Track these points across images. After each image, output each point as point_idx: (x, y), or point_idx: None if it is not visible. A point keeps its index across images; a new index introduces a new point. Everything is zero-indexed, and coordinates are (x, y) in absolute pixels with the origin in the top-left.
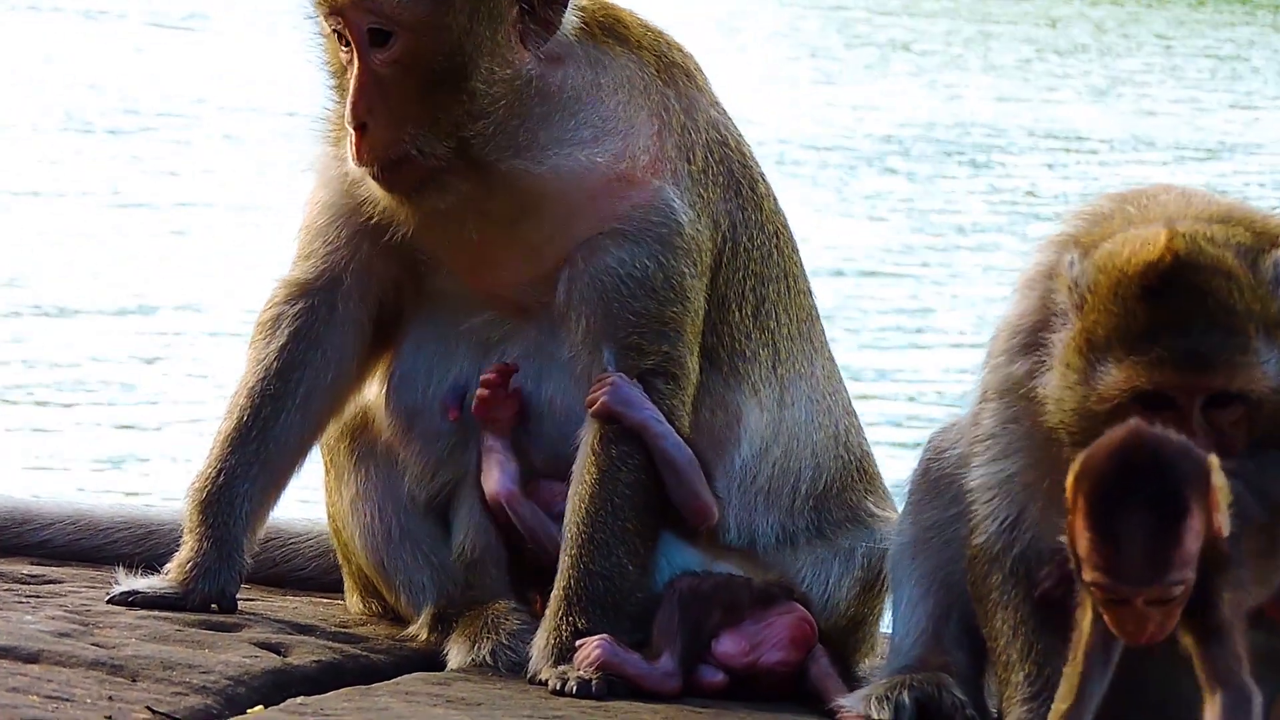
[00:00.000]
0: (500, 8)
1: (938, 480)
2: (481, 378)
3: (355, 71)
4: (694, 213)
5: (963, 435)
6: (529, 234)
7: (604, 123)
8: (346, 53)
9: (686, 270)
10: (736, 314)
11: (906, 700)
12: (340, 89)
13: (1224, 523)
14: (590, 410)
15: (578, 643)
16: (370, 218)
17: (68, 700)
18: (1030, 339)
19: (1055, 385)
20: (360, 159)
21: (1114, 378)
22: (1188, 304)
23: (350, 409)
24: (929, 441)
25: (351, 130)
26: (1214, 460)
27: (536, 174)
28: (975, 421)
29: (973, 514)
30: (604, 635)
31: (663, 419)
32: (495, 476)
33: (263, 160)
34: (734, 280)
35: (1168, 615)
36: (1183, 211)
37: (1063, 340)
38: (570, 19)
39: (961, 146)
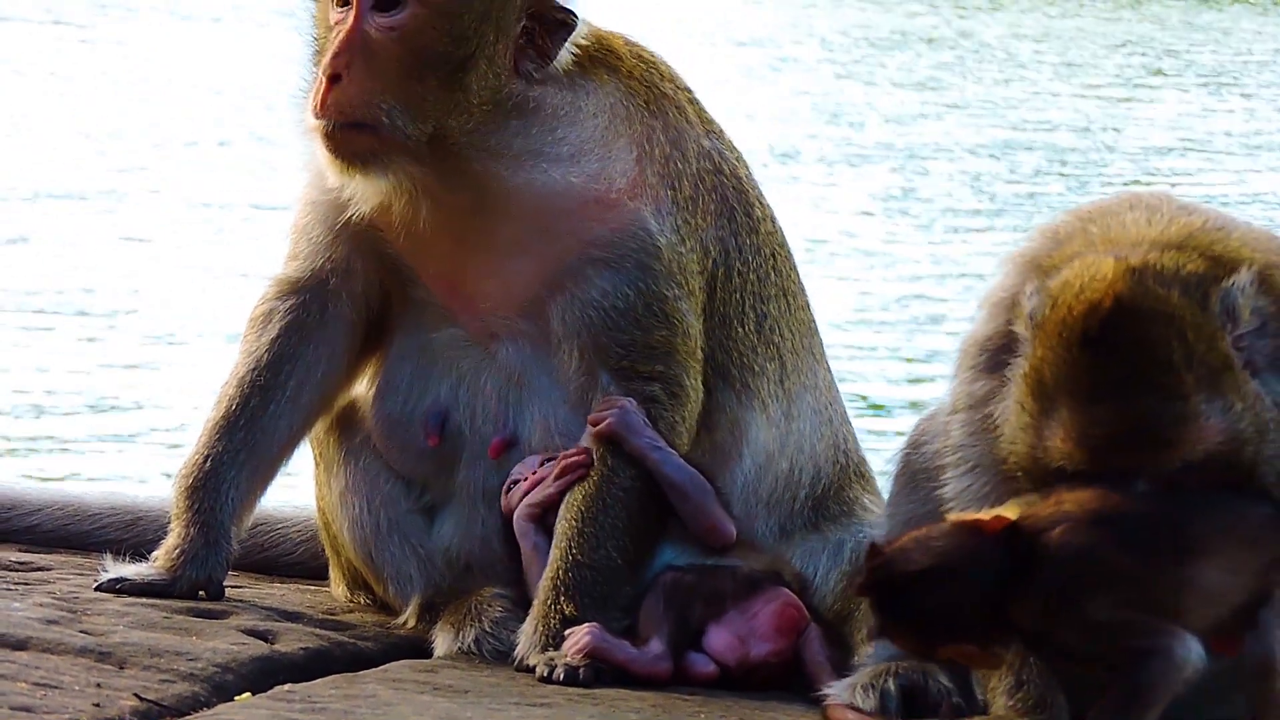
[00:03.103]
0: (508, 21)
1: (915, 475)
2: (570, 459)
3: (346, 27)
4: (677, 237)
5: (938, 433)
6: (499, 246)
7: (582, 144)
8: (340, 13)
9: (669, 293)
10: (739, 330)
11: (892, 688)
12: (323, 51)
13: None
14: (595, 429)
15: (566, 631)
16: (349, 215)
17: (56, 688)
18: (995, 359)
19: (1010, 421)
20: (321, 111)
21: (1059, 448)
22: (1128, 360)
23: (340, 404)
24: (911, 432)
25: (323, 80)
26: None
27: (511, 184)
28: (946, 431)
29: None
30: (593, 623)
31: (662, 444)
32: (535, 575)
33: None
34: (732, 300)
35: None
36: (1142, 235)
37: (1018, 371)
38: (565, 55)
39: (1055, 151)
